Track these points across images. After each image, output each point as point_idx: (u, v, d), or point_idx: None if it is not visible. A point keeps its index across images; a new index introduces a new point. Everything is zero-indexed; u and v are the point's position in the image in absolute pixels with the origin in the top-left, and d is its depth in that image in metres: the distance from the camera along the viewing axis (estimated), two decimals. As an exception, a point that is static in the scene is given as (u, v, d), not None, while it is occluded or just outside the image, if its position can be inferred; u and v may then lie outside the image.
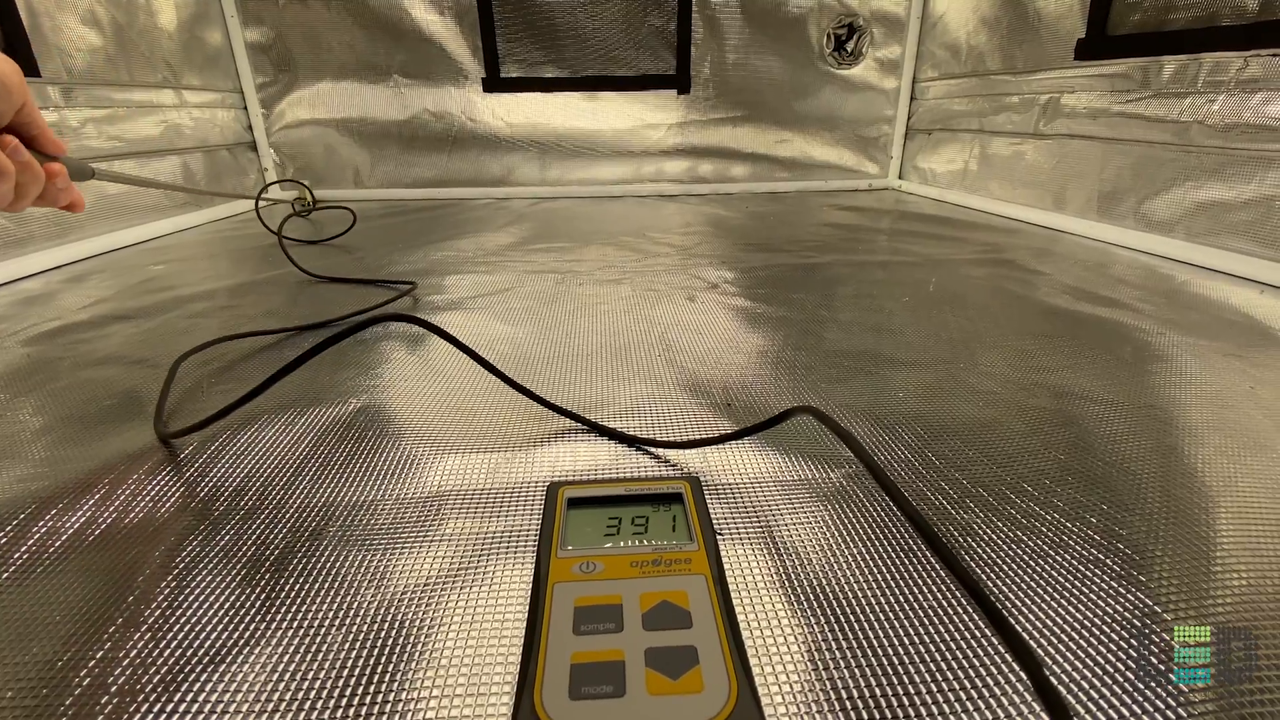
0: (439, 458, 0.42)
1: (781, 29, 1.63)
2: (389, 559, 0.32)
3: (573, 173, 1.72)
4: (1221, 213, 0.91)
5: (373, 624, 0.28)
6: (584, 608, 0.26)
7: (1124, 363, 0.57)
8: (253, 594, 0.30)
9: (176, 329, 0.67)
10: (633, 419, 0.47)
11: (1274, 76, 0.84)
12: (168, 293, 0.81)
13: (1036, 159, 1.28)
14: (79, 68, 1.09)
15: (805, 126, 1.74)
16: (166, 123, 1.30)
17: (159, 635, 0.28)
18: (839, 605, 0.29)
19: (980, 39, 1.42)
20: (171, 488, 0.38)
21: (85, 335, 0.66)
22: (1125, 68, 1.06)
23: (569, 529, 0.32)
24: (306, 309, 0.73)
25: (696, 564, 0.29)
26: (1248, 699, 0.25)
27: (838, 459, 0.41)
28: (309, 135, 1.62)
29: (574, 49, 1.60)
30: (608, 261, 0.96)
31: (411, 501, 0.37)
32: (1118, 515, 0.35)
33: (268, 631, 0.28)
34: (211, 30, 1.45)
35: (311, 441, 0.44)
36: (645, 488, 0.35)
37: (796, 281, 0.85)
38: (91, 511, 0.36)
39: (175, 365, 0.55)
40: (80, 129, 1.09)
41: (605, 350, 0.61)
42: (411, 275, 0.88)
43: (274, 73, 1.56)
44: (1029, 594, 0.30)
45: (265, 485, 0.39)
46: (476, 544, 0.34)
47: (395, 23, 1.54)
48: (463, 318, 0.71)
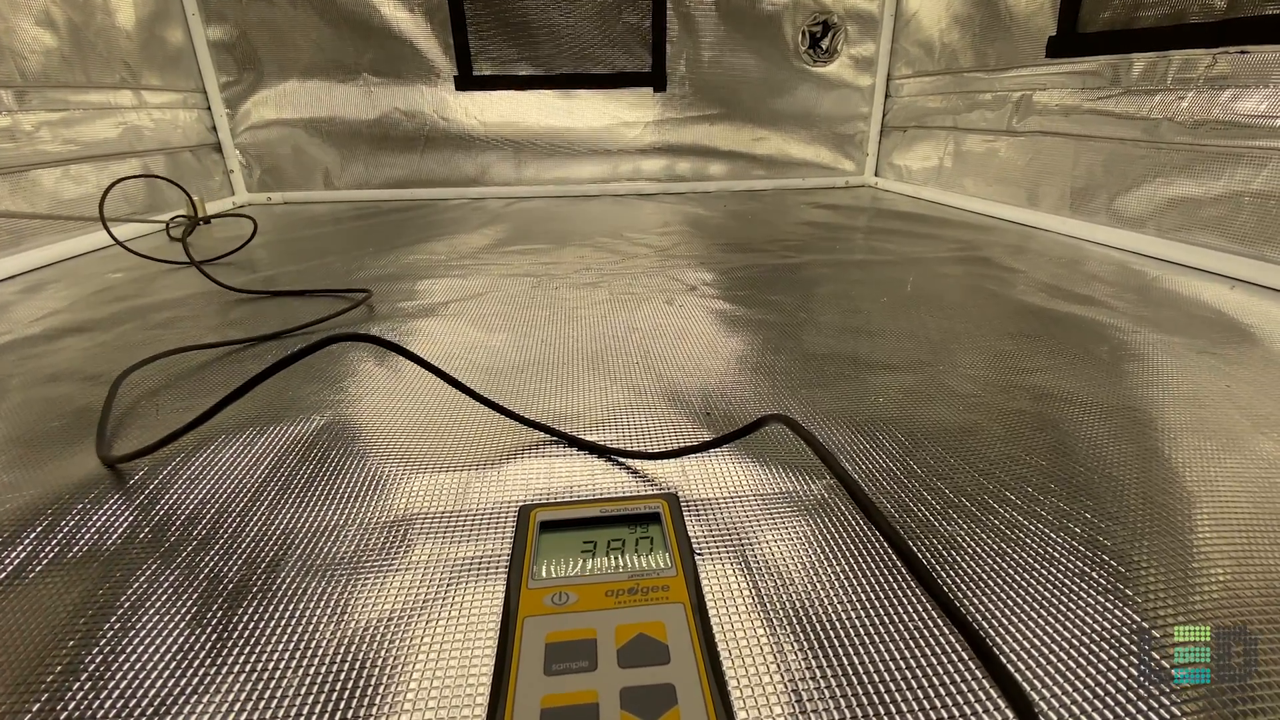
0: (407, 477, 0.40)
1: (757, 26, 1.62)
2: (351, 590, 0.31)
3: (549, 172, 1.70)
4: (1192, 208, 0.92)
5: (331, 664, 0.27)
6: (556, 644, 0.25)
7: (1101, 362, 0.57)
8: (203, 634, 0.28)
9: (133, 342, 0.64)
10: (610, 429, 0.46)
11: (1242, 73, 0.85)
12: (124, 303, 0.78)
13: (1010, 156, 1.28)
14: (33, 70, 1.04)
15: (782, 124, 1.73)
16: (125, 124, 1.25)
17: (99, 685, 0.26)
18: (821, 631, 0.28)
19: (953, 36, 1.43)
20: (118, 518, 0.36)
21: (37, 350, 0.62)
22: (1096, 65, 1.07)
23: (541, 555, 0.30)
24: (275, 319, 0.71)
25: (675, 591, 0.28)
26: (1240, 708, 0.24)
27: (818, 470, 0.40)
28: (276, 136, 1.58)
29: (548, 46, 1.57)
30: (585, 264, 0.95)
31: (377, 526, 0.35)
32: (1101, 525, 0.35)
33: (218, 677, 0.26)
34: (172, 28, 1.41)
35: (271, 463, 0.42)
36: (621, 508, 0.34)
37: (775, 282, 0.84)
38: (31, 547, 0.34)
39: (118, 382, 0.52)
40: (35, 133, 1.04)
41: (582, 357, 0.59)
42: (383, 279, 0.86)
43: (238, 71, 1.52)
44: (1015, 611, 0.29)
45: (220, 512, 0.37)
46: (445, 571, 0.32)
47: (364, 20, 1.50)
48: (436, 324, 0.69)
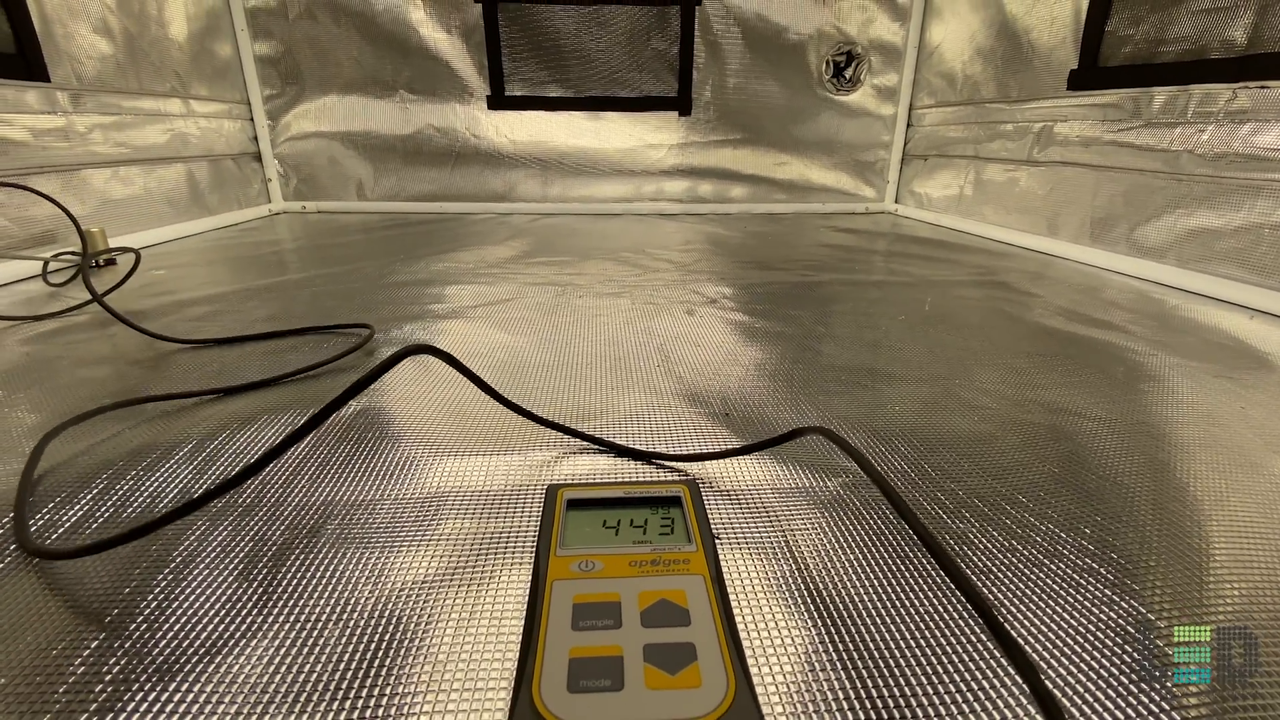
0: (437, 460, 0.42)
1: (782, 55, 1.66)
2: (387, 557, 0.32)
3: (574, 190, 1.74)
4: (1212, 240, 0.93)
5: (369, 620, 0.28)
6: (583, 604, 0.26)
7: (1116, 382, 0.57)
8: (249, 588, 0.30)
9: (180, 331, 0.67)
10: (631, 427, 0.47)
11: (1262, 108, 0.86)
12: (168, 296, 0.81)
13: (1030, 185, 1.30)
14: (89, 75, 1.10)
15: (803, 150, 1.76)
16: (173, 131, 1.31)
17: (155, 625, 0.28)
18: (835, 608, 0.29)
19: (975, 68, 1.45)
20: (167, 482, 0.38)
21: (84, 336, 0.66)
22: (1117, 98, 1.09)
23: (568, 529, 0.32)
24: (252, 368, 0.73)
25: (695, 564, 0.29)
26: (1240, 703, 0.25)
27: (835, 468, 0.41)
28: (313, 147, 1.64)
29: (578, 69, 1.62)
30: (607, 275, 0.97)
31: (410, 501, 0.37)
32: (1111, 527, 0.36)
33: (264, 625, 0.28)
34: (222, 42, 1.48)
35: (310, 442, 0.44)
36: (644, 491, 0.35)
37: (794, 299, 0.85)
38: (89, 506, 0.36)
39: (40, 446, 0.41)
40: (88, 134, 1.10)
41: (604, 360, 0.61)
42: (412, 284, 0.89)
43: (281, 85, 1.58)
44: (1024, 600, 0.30)
45: (262, 482, 0.39)
46: (474, 544, 0.34)
47: (403, 39, 1.57)
48: (463, 326, 0.71)
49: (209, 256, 1.10)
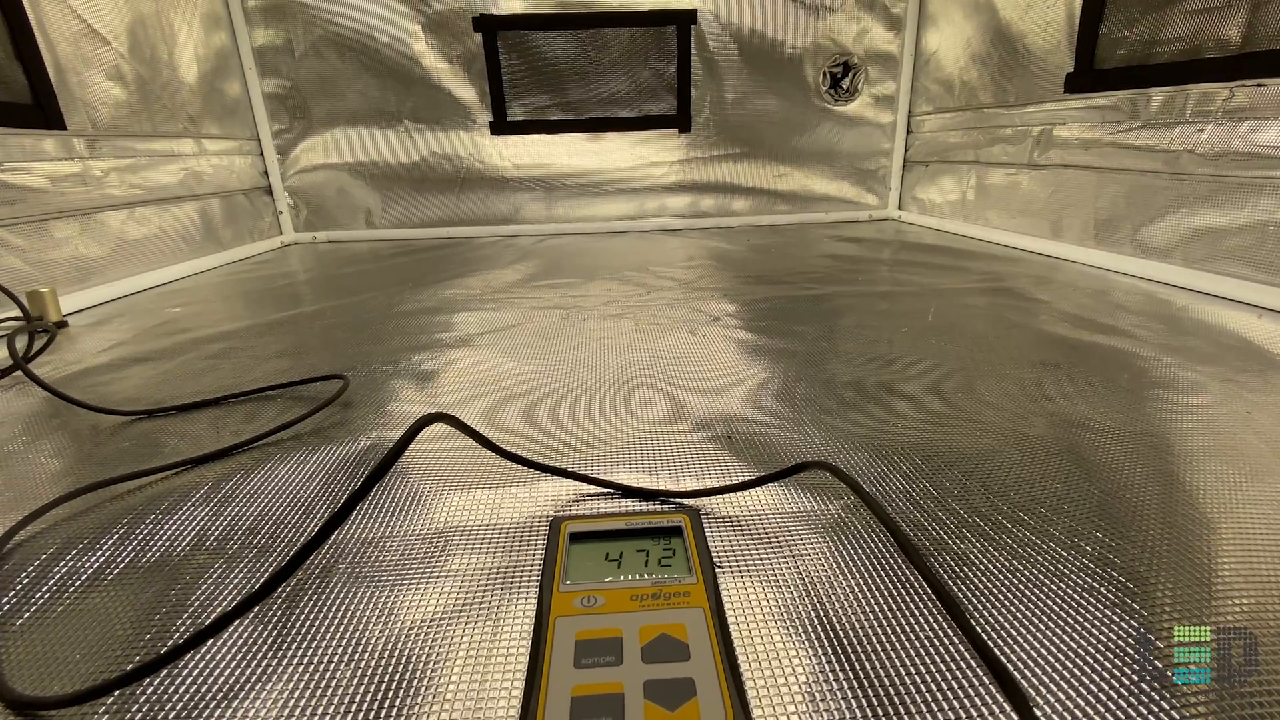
0: (446, 494, 0.43)
1: (778, 69, 1.68)
2: (396, 596, 0.33)
3: (578, 210, 1.76)
4: (1217, 238, 0.92)
5: (380, 660, 0.29)
6: (585, 641, 0.27)
7: (1122, 390, 0.57)
8: (265, 631, 0.31)
9: (195, 370, 0.69)
10: (636, 455, 0.48)
11: (1260, 106, 0.86)
12: (183, 335, 0.83)
13: (1032, 188, 1.30)
14: (104, 120, 1.14)
15: (804, 161, 1.77)
16: (186, 170, 1.35)
17: (174, 672, 0.28)
18: (836, 638, 0.30)
19: (972, 74, 1.46)
20: (190, 522, 0.39)
21: (104, 378, 0.68)
22: (1114, 99, 1.09)
23: (571, 563, 0.33)
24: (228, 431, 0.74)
25: (695, 597, 0.30)
26: (1243, 711, 0.25)
27: (837, 491, 0.42)
28: (323, 179, 1.68)
29: (578, 92, 1.65)
30: (612, 296, 0.98)
31: (419, 537, 0.38)
32: (1112, 543, 0.36)
33: (279, 668, 0.29)
34: (231, 82, 1.52)
35: (323, 479, 0.45)
36: (645, 521, 0.36)
37: (798, 313, 0.86)
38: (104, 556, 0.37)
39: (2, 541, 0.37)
40: (104, 178, 1.13)
41: (608, 385, 0.62)
42: (420, 313, 0.91)
43: (289, 120, 1.62)
44: (1021, 623, 0.30)
45: (277, 523, 0.40)
46: (481, 579, 0.34)
47: (406, 71, 1.60)
48: (470, 354, 0.72)
49: (224, 292, 1.12)
